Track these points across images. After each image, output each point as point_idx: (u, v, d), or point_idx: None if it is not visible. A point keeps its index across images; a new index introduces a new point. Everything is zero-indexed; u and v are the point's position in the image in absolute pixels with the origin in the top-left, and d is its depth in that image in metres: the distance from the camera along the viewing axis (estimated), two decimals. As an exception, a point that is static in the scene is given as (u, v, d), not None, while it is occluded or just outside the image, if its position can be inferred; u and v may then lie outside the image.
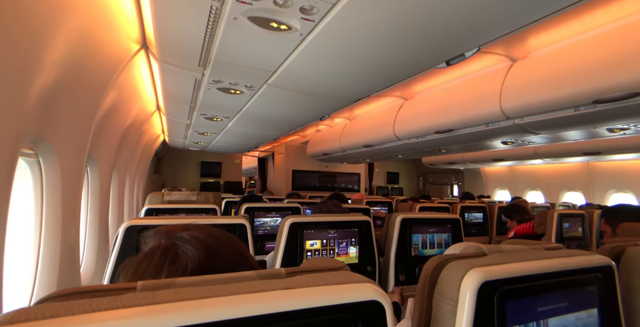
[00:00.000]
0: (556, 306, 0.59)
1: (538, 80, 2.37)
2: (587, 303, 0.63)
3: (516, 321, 0.55)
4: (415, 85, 3.25)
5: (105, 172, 2.21)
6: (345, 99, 2.15)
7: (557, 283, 0.60)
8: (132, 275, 0.48)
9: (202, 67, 1.72)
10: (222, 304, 0.35)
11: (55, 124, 1.28)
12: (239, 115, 2.84)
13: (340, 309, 0.40)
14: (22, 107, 1.01)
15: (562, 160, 5.41)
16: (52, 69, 1.13)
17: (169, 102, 2.63)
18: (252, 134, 3.86)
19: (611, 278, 0.67)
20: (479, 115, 2.87)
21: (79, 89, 1.40)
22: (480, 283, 0.52)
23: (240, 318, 0.35)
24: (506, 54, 2.57)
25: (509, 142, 3.56)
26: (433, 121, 3.29)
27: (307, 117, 2.81)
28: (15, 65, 0.94)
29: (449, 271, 0.55)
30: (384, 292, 0.44)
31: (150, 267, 0.49)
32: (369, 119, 4.33)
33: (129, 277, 0.48)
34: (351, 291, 0.42)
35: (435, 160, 7.04)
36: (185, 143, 5.20)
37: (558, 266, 0.61)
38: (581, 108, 2.29)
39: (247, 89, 2.02)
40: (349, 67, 1.52)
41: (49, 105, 1.18)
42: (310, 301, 0.39)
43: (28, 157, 1.18)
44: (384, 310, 0.42)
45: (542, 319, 0.57)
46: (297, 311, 0.38)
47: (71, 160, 1.40)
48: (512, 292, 0.55)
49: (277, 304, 0.37)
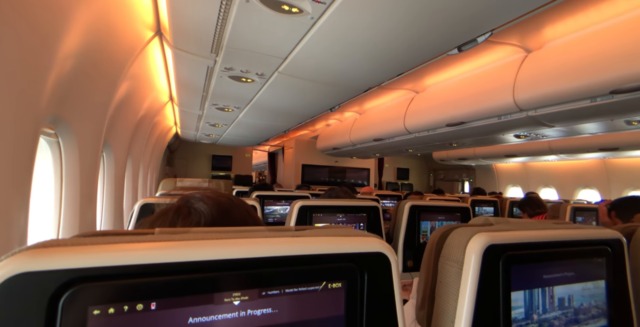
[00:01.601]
0: (562, 275, 0.60)
1: (553, 71, 2.32)
2: (594, 275, 0.63)
3: (521, 286, 0.55)
4: (427, 78, 3.22)
5: (120, 159, 2.27)
6: (356, 87, 2.15)
7: (564, 252, 0.60)
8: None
9: (214, 54, 1.75)
10: (236, 243, 0.37)
11: (74, 106, 1.32)
12: (249, 106, 2.86)
13: (347, 258, 0.42)
14: (43, 87, 1.05)
15: (577, 156, 5.28)
16: (70, 54, 1.17)
17: (181, 91, 2.67)
18: (263, 126, 3.89)
19: (620, 252, 0.67)
20: (491, 107, 2.83)
21: (96, 75, 1.44)
22: (486, 246, 0.52)
23: (252, 258, 0.37)
24: (521, 44, 2.53)
25: (522, 136, 3.50)
26: (444, 114, 3.26)
27: (317, 108, 2.82)
28: (36, 48, 0.98)
29: (455, 235, 0.56)
30: (390, 246, 0.45)
31: (165, 223, 0.51)
32: (379, 112, 4.31)
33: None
34: (358, 243, 0.43)
35: (446, 156, 6.97)
36: (197, 135, 5.27)
37: (565, 236, 0.61)
38: (598, 99, 2.23)
39: (258, 77, 2.04)
40: (360, 53, 1.52)
41: (67, 88, 1.22)
42: (318, 247, 0.40)
43: (49, 137, 1.22)
44: (389, 262, 0.44)
45: (547, 286, 0.58)
46: (305, 256, 0.40)
47: (89, 143, 1.44)
48: (518, 257, 0.55)
49: (287, 248, 0.39)
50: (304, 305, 0.39)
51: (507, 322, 0.54)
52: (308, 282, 0.39)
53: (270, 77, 2.04)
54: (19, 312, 0.28)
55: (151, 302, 0.33)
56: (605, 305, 0.63)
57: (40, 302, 0.29)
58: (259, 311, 0.37)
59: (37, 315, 0.29)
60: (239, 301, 0.36)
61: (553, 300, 0.58)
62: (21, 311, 0.28)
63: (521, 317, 0.55)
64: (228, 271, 0.36)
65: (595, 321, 0.62)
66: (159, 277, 0.33)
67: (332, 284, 0.41)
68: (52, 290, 0.29)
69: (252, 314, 0.36)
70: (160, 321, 0.33)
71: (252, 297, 0.37)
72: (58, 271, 0.29)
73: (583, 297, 0.61)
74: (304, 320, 0.39)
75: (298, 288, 0.39)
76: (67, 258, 0.30)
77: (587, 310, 0.61)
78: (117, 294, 0.31)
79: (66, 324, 0.29)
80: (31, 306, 0.29)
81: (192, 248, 0.35)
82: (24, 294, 0.29)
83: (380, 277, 0.43)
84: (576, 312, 0.60)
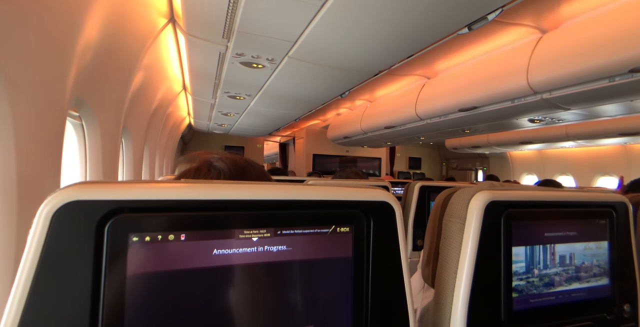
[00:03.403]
0: (564, 234, 0.62)
1: (570, 51, 2.27)
2: (597, 235, 0.65)
3: (522, 242, 0.58)
4: (438, 63, 3.18)
5: (138, 146, 2.36)
6: (366, 71, 2.16)
7: (566, 212, 0.63)
8: None
9: (225, 39, 1.79)
10: (254, 187, 0.41)
11: (95, 91, 1.39)
12: (261, 93, 2.90)
13: (355, 205, 0.46)
14: (67, 72, 1.11)
15: (596, 142, 5.14)
16: (89, 41, 1.22)
17: (194, 79, 2.73)
18: (274, 114, 3.94)
19: (625, 215, 0.68)
20: (504, 91, 2.79)
21: (113, 61, 1.50)
22: (487, 202, 0.55)
23: (269, 200, 0.41)
24: (535, 25, 2.46)
25: (537, 120, 3.44)
26: (456, 99, 3.22)
27: (327, 94, 2.84)
28: (59, 36, 1.03)
29: (458, 194, 0.59)
30: (395, 197, 0.48)
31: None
32: (390, 100, 4.29)
33: None
34: (364, 192, 0.47)
35: (459, 144, 6.88)
36: (210, 125, 5.36)
37: (568, 197, 0.63)
38: (616, 78, 2.18)
39: (268, 62, 2.07)
40: (369, 33, 1.53)
41: (89, 75, 1.28)
42: (328, 194, 0.44)
43: (74, 119, 1.29)
44: (393, 210, 0.47)
45: (549, 243, 0.60)
46: (316, 201, 0.44)
47: (109, 126, 1.51)
48: (519, 214, 0.58)
49: (300, 193, 0.43)
50: (315, 245, 0.43)
51: (508, 275, 0.57)
52: (318, 225, 0.43)
53: (281, 63, 2.07)
54: (73, 234, 0.33)
55: (181, 233, 0.37)
56: (608, 265, 0.65)
57: (89, 227, 0.34)
58: (274, 247, 0.41)
59: (87, 238, 0.34)
60: (257, 237, 0.40)
61: (554, 257, 0.61)
62: (75, 234, 0.33)
63: (522, 271, 0.58)
64: (247, 211, 0.40)
65: (596, 280, 0.64)
66: (188, 212, 0.38)
67: (340, 228, 0.45)
68: (98, 217, 0.34)
69: (268, 249, 0.41)
70: (189, 250, 0.37)
71: (269, 235, 0.41)
72: (102, 201, 0.34)
73: (585, 256, 0.63)
74: (315, 258, 0.43)
75: (309, 230, 0.43)
76: (110, 191, 0.35)
77: (588, 268, 0.64)
78: (152, 225, 0.36)
79: (111, 247, 0.34)
80: (82, 229, 0.33)
81: (216, 188, 0.39)
82: (76, 219, 0.33)
83: (385, 223, 0.47)
84: (577, 269, 0.62)
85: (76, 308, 0.33)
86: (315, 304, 0.43)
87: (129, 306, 0.35)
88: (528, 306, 0.58)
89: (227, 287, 0.39)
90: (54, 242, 0.33)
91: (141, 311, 0.35)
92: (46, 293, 0.32)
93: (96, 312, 0.33)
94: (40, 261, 0.32)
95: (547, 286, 0.59)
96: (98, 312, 0.34)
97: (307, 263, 0.43)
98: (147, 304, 0.36)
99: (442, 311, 0.56)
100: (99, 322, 0.34)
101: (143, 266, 0.35)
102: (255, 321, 0.40)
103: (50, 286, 0.32)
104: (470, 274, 0.54)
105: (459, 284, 0.54)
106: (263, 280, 0.41)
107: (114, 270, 0.34)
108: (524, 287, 0.57)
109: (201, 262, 0.38)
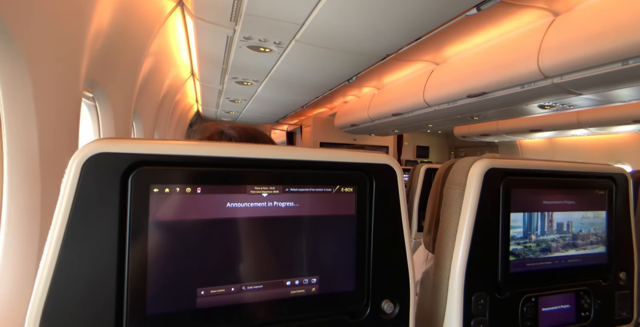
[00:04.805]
0: (562, 203, 0.64)
1: (582, 34, 2.22)
2: (595, 205, 0.67)
3: (520, 208, 0.60)
4: (447, 48, 3.13)
5: (148, 130, 2.41)
6: (373, 54, 2.15)
7: (566, 182, 0.64)
8: None
9: (233, 22, 1.79)
10: (264, 147, 0.44)
11: (107, 74, 1.42)
12: (268, 78, 2.91)
13: (358, 167, 0.48)
14: (81, 54, 1.14)
15: (608, 129, 5.04)
16: (100, 24, 1.25)
17: (202, 64, 2.75)
18: (281, 101, 3.95)
19: (625, 186, 0.70)
20: (513, 75, 2.75)
21: (123, 45, 1.53)
22: (487, 169, 0.57)
23: (277, 159, 0.44)
24: (548, 7, 2.41)
25: (547, 106, 3.38)
26: (465, 85, 3.18)
27: (335, 79, 2.83)
28: (72, 21, 1.05)
29: (459, 163, 0.61)
30: (396, 161, 0.51)
31: None
32: (398, 86, 4.25)
33: None
34: (367, 155, 0.49)
35: (468, 132, 6.81)
36: (218, 113, 5.40)
37: (568, 167, 0.65)
38: (630, 61, 2.13)
39: (275, 46, 2.07)
40: (375, 15, 1.52)
41: (101, 58, 1.32)
42: (333, 156, 0.47)
43: (88, 101, 1.34)
44: (395, 172, 0.50)
45: (547, 211, 0.62)
46: (321, 162, 0.46)
47: (121, 107, 1.55)
48: (518, 181, 0.60)
49: (306, 154, 0.46)
50: (320, 203, 0.46)
51: (505, 239, 0.59)
52: (324, 185, 0.46)
53: (288, 46, 2.07)
54: (101, 183, 0.37)
55: (197, 187, 0.40)
56: (605, 234, 0.67)
57: (115, 177, 0.37)
58: (283, 203, 0.44)
59: (114, 187, 0.37)
60: (267, 193, 0.43)
61: (552, 224, 0.63)
62: (102, 183, 0.37)
63: (519, 236, 0.60)
64: (258, 168, 0.43)
65: (593, 247, 0.66)
66: (204, 167, 0.41)
67: (344, 188, 0.47)
68: (123, 169, 0.37)
69: (277, 205, 0.44)
70: (205, 202, 0.41)
71: (277, 192, 0.44)
72: (126, 154, 0.37)
73: (582, 225, 0.65)
74: (320, 215, 0.46)
75: (315, 188, 0.46)
76: (133, 145, 0.38)
77: (585, 236, 0.66)
78: (171, 178, 0.39)
79: (135, 196, 0.38)
80: (109, 179, 0.37)
81: (230, 147, 0.42)
82: (103, 169, 0.37)
83: (387, 184, 0.49)
84: (574, 237, 0.65)
85: (106, 248, 0.37)
86: (320, 258, 0.46)
87: (151, 248, 0.38)
88: (524, 269, 0.60)
89: (239, 237, 0.42)
90: (84, 189, 0.36)
91: (162, 254, 0.39)
92: (79, 235, 0.36)
93: (123, 253, 0.37)
94: (73, 207, 0.36)
95: (544, 251, 0.62)
96: (125, 252, 0.37)
97: (313, 219, 0.46)
98: (166, 249, 0.39)
99: (441, 273, 0.59)
100: (125, 260, 0.37)
101: (163, 214, 0.39)
102: (264, 270, 0.44)
103: (82, 229, 0.36)
104: (469, 238, 0.57)
105: (457, 247, 0.57)
106: (272, 233, 0.44)
107: (137, 217, 0.38)
108: (521, 252, 0.60)
109: (215, 213, 0.41)
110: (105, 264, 0.37)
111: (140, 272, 0.38)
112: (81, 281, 0.36)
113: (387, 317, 0.49)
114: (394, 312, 0.49)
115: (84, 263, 0.36)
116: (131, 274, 0.37)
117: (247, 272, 0.43)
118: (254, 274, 0.43)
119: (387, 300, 0.49)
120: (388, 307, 0.48)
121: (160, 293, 0.39)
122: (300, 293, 0.45)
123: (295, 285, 0.45)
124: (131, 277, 0.37)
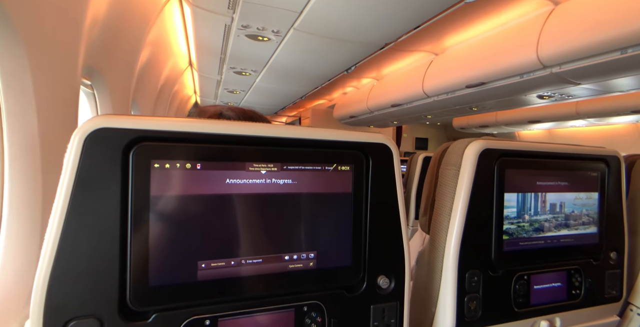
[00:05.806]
0: (556, 184, 0.65)
1: (582, 23, 2.21)
2: (588, 187, 0.68)
3: (514, 188, 0.62)
4: (447, 38, 3.11)
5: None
6: (372, 43, 2.13)
7: (559, 163, 0.65)
8: None
9: (231, 10, 1.78)
10: (263, 126, 0.45)
11: (106, 61, 1.41)
12: (266, 68, 2.89)
13: (355, 146, 0.49)
14: (78, 40, 1.13)
15: (607, 120, 5.04)
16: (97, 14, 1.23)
17: (200, 54, 2.73)
18: (280, 91, 3.93)
19: (617, 169, 0.71)
20: (512, 65, 2.74)
21: (121, 33, 1.51)
22: (481, 150, 0.58)
23: (276, 137, 0.45)
24: (550, -5, 2.38)
25: (546, 97, 3.38)
26: (464, 75, 3.18)
27: (333, 68, 2.82)
28: (69, 7, 1.04)
29: (455, 144, 0.62)
30: (392, 140, 0.52)
31: None
32: (397, 77, 4.23)
33: None
34: (364, 135, 0.50)
35: (467, 123, 6.80)
36: (216, 104, 5.38)
37: (562, 149, 0.66)
38: (628, 50, 2.12)
39: (274, 34, 2.05)
40: (374, 2, 1.51)
41: (98, 45, 1.30)
42: (330, 135, 0.48)
43: (86, 88, 1.33)
44: (390, 151, 0.51)
45: (540, 192, 0.64)
46: (319, 140, 0.47)
47: (119, 94, 1.55)
48: (512, 162, 0.61)
49: (303, 133, 0.46)
50: (318, 181, 0.47)
51: (499, 218, 0.60)
52: (321, 163, 0.47)
53: (286, 35, 2.05)
54: (103, 157, 0.37)
55: (197, 163, 0.41)
56: (597, 214, 0.69)
57: (116, 152, 0.38)
58: (281, 180, 0.45)
59: (115, 162, 0.38)
60: (265, 170, 0.44)
61: (545, 205, 0.64)
62: (104, 157, 0.37)
63: (513, 215, 0.61)
64: (257, 145, 0.44)
65: (585, 227, 0.68)
66: (203, 144, 0.42)
67: (341, 166, 0.48)
68: (124, 144, 0.38)
69: (275, 182, 0.45)
70: (205, 178, 0.42)
71: (276, 169, 0.45)
72: (127, 129, 0.38)
73: (575, 206, 0.67)
74: (318, 192, 0.47)
75: (313, 166, 0.47)
76: (134, 121, 0.39)
77: (577, 217, 0.67)
78: (171, 153, 0.40)
79: (136, 171, 0.39)
80: (110, 154, 0.38)
81: (228, 124, 0.43)
82: (105, 144, 0.38)
83: (382, 163, 0.50)
84: (567, 217, 0.66)
85: (109, 221, 0.38)
86: (318, 234, 0.47)
87: (153, 222, 0.39)
88: (518, 248, 0.62)
89: (238, 213, 0.44)
90: (86, 163, 0.37)
91: (163, 228, 0.40)
92: (83, 208, 0.37)
93: (125, 226, 0.38)
94: (75, 181, 0.37)
95: (537, 231, 0.63)
96: (127, 226, 0.38)
97: (311, 196, 0.47)
98: (168, 223, 0.40)
99: (436, 251, 0.60)
100: (128, 234, 0.38)
101: (164, 189, 0.40)
102: (263, 245, 0.45)
103: (85, 201, 0.37)
104: (463, 217, 0.58)
105: (452, 226, 0.58)
106: (271, 209, 0.45)
107: (139, 192, 0.39)
108: (514, 231, 0.61)
109: (215, 189, 0.42)
110: (108, 236, 0.38)
111: (142, 245, 0.39)
112: (85, 251, 0.37)
113: (383, 292, 0.50)
114: (389, 287, 0.51)
115: (88, 235, 0.37)
116: (133, 247, 0.39)
117: (246, 246, 0.44)
118: (253, 249, 0.44)
119: (382, 275, 0.50)
120: (384, 283, 0.50)
121: (162, 265, 0.40)
122: (299, 267, 0.46)
123: (293, 259, 0.46)
124: (133, 249, 0.39)
